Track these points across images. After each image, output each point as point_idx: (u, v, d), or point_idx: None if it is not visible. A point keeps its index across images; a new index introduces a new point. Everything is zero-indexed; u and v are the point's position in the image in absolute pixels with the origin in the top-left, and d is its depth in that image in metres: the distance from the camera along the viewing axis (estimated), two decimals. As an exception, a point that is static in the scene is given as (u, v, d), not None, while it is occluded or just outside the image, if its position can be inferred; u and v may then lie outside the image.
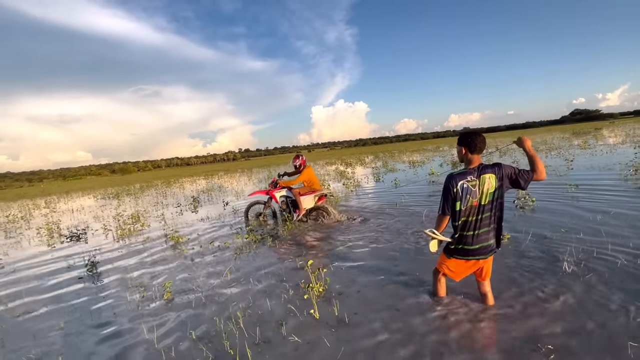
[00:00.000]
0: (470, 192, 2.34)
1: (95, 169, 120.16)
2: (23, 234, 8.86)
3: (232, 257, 4.72)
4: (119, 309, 3.45)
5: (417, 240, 4.53)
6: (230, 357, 2.38)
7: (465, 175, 2.35)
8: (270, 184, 6.88)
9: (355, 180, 12.02)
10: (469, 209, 2.37)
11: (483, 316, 2.55)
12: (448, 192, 2.38)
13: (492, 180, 2.33)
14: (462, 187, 2.33)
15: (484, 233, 2.42)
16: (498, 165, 2.37)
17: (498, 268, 3.34)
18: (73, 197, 21.82)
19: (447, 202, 2.40)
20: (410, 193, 8.44)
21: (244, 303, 3.22)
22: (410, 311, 2.74)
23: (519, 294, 2.81)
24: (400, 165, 17.93)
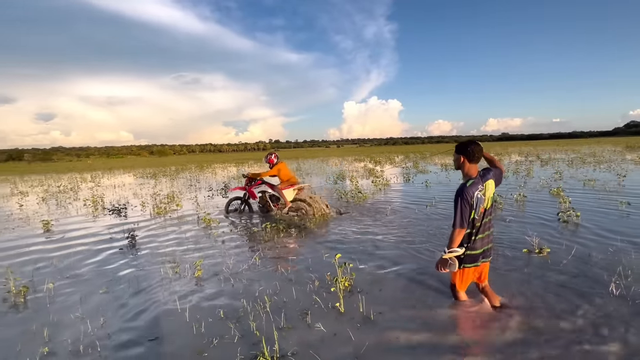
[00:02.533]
0: (482, 200, 2.42)
1: (136, 149, 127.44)
2: (72, 204, 9.62)
3: (260, 244, 4.85)
4: (154, 281, 3.67)
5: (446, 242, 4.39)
6: (256, 338, 2.46)
7: (476, 186, 2.40)
8: (246, 181, 7.11)
9: (384, 179, 11.84)
10: (480, 215, 2.44)
11: (511, 324, 2.43)
12: (467, 205, 2.37)
13: (492, 186, 2.51)
14: (477, 197, 2.39)
15: (487, 236, 2.53)
16: (489, 170, 2.56)
17: (537, 284, 3.17)
18: (115, 174, 23.33)
19: (465, 215, 2.38)
20: (441, 196, 8.19)
21: (270, 288, 3.30)
22: (435, 311, 2.68)
23: (558, 315, 2.65)
24: (431, 167, 17.42)
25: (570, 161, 17.17)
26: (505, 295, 2.89)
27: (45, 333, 2.66)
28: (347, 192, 8.86)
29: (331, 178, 13.58)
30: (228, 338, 2.50)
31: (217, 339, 2.48)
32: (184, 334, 2.60)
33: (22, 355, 2.38)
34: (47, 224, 6.42)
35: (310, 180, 13.21)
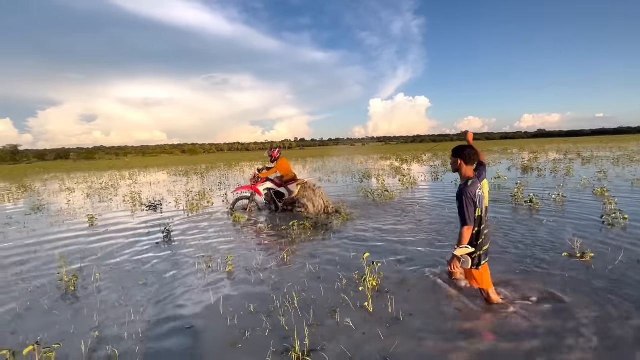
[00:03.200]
0: (482, 198, 2.58)
1: (169, 148, 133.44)
2: (112, 200, 10.28)
3: (288, 241, 4.94)
4: (189, 274, 3.85)
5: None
6: (286, 333, 2.53)
7: (476, 185, 2.55)
8: (252, 179, 7.24)
9: (411, 178, 11.62)
10: (484, 212, 2.59)
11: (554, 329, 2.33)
12: (471, 203, 2.49)
13: (487, 185, 2.74)
14: (478, 195, 2.53)
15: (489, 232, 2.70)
16: (481, 171, 2.76)
17: (581, 291, 3.01)
18: (150, 172, 24.59)
19: (471, 213, 2.49)
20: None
21: (298, 285, 3.36)
22: (465, 314, 2.61)
23: (607, 324, 2.50)
24: (461, 166, 16.83)
25: (616, 159, 15.93)
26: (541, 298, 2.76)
27: (95, 318, 2.89)
28: (373, 191, 8.78)
29: (357, 176, 13.52)
30: (259, 331, 2.58)
31: (249, 331, 2.58)
32: (217, 324, 2.73)
33: (76, 337, 2.60)
34: (92, 218, 6.92)
35: (335, 179, 13.22)
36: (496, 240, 4.48)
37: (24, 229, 6.62)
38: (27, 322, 2.93)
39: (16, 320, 2.97)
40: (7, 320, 2.96)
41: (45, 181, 19.91)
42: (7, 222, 7.48)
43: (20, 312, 3.10)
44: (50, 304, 3.25)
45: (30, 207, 9.43)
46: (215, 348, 2.42)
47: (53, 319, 2.95)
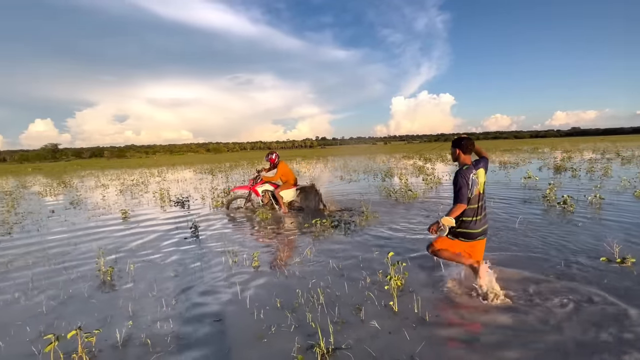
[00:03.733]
0: (476, 183, 2.89)
1: (195, 147, 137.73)
2: (143, 196, 10.76)
3: (311, 239, 4.99)
4: (216, 268, 3.98)
5: (508, 247, 4.10)
6: (311, 329, 2.56)
7: (471, 170, 2.89)
8: (252, 180, 7.32)
9: (435, 177, 11.36)
10: (475, 197, 2.89)
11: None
12: (465, 183, 2.84)
13: (483, 173, 2.97)
14: (472, 179, 2.87)
15: (483, 217, 2.98)
16: (479, 161, 3.03)
17: (624, 299, 2.84)
18: (178, 170, 25.50)
19: (464, 192, 2.83)
20: (500, 196, 7.63)
21: (323, 282, 3.39)
22: (492, 316, 2.54)
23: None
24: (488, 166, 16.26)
25: (661, 159, 14.81)
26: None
27: (129, 308, 3.05)
28: (395, 190, 8.67)
29: (379, 175, 13.38)
30: (285, 326, 2.63)
31: (274, 326, 2.63)
32: (244, 318, 2.80)
33: (113, 325, 2.76)
34: (125, 213, 7.28)
35: (357, 178, 13.16)
36: (529, 242, 4.31)
37: (65, 222, 7.07)
38: (70, 308, 3.14)
39: (60, 306, 3.18)
40: (53, 305, 3.19)
41: (82, 178, 21.14)
42: (50, 215, 8.02)
43: (64, 299, 3.32)
44: (89, 292, 3.46)
45: (70, 201, 10.05)
46: (243, 341, 2.49)
47: (92, 307, 3.14)
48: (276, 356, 2.29)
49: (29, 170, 37.68)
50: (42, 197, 11.98)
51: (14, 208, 9.15)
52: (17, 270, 4.20)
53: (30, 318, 2.97)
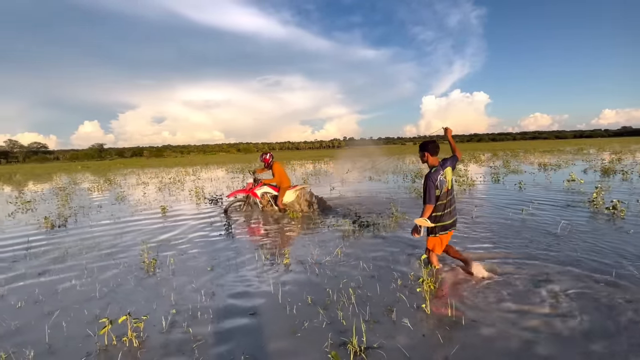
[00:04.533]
0: (444, 182, 3.27)
1: (226, 147, 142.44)
2: (179, 193, 11.34)
3: (340, 238, 5.02)
4: (249, 264, 4.13)
5: (547, 253, 3.89)
6: (343, 327, 2.60)
7: (438, 172, 3.27)
8: (250, 183, 7.39)
9: (468, 179, 10.96)
10: (444, 194, 3.28)
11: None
12: (433, 186, 3.21)
13: (450, 171, 3.35)
14: (440, 180, 3.25)
15: (453, 209, 3.39)
16: (446, 160, 3.40)
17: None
18: (211, 169, 26.54)
19: (432, 193, 3.21)
20: (539, 200, 7.23)
21: (354, 282, 3.42)
22: (530, 322, 2.43)
23: None
24: (526, 167, 15.42)
25: None
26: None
27: (172, 298, 3.26)
28: (427, 192, 8.48)
29: (408, 176, 13.13)
30: (317, 323, 2.69)
31: (307, 322, 2.70)
32: (277, 313, 2.90)
33: (158, 313, 2.96)
34: (164, 209, 7.72)
35: (386, 179, 13.00)
36: (573, 248, 4.07)
37: (112, 216, 7.63)
38: (119, 295, 3.41)
39: (111, 292, 3.47)
40: (105, 292, 3.48)
41: (124, 175, 22.61)
42: (98, 210, 8.68)
43: (113, 287, 3.61)
44: (135, 281, 3.73)
45: (115, 197, 10.81)
46: (277, 334, 2.58)
47: (138, 295, 3.39)
48: (310, 350, 2.36)
49: (78, 168, 40.88)
50: (90, 192, 12.98)
51: (68, 202, 10.00)
52: (73, 259, 4.61)
53: (86, 302, 3.26)
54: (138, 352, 2.41)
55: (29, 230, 6.55)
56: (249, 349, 2.41)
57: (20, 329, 2.81)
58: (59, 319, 2.93)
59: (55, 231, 6.38)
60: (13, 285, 3.76)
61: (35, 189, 15.79)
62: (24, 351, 2.46)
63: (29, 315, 3.03)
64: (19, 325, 2.86)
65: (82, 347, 2.51)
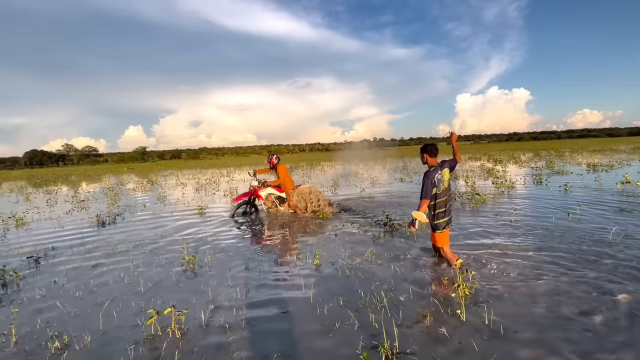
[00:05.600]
0: (441, 181, 3.54)
1: (258, 148, 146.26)
2: (215, 194, 11.84)
3: (371, 241, 4.99)
4: (282, 264, 4.24)
5: (597, 260, 3.61)
6: (375, 330, 2.60)
7: (436, 171, 3.55)
8: (254, 186, 7.38)
9: (507, 181, 10.40)
10: (443, 192, 3.56)
11: None
12: (429, 183, 3.49)
13: (447, 172, 3.62)
14: (437, 178, 3.52)
15: (448, 207, 3.63)
16: (444, 161, 3.67)
17: None
18: (244, 170, 27.41)
19: (429, 190, 3.50)
20: (588, 202, 6.70)
21: (385, 285, 3.39)
22: (576, 334, 2.27)
23: None
24: (572, 168, 14.35)
25: None
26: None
27: (210, 294, 3.44)
28: (461, 194, 8.18)
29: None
30: (348, 325, 2.71)
31: (338, 323, 2.73)
32: (309, 313, 2.95)
33: (198, 307, 3.14)
34: (201, 209, 8.11)
35: (418, 180, 12.69)
36: (627, 258, 3.75)
37: (154, 215, 8.15)
38: (162, 289, 3.65)
39: (155, 287, 3.72)
40: (149, 286, 3.74)
41: (165, 177, 24.01)
42: (142, 209, 9.31)
43: (157, 281, 3.87)
44: (177, 277, 3.97)
45: (156, 197, 11.53)
46: (310, 334, 2.63)
47: (180, 289, 3.61)
48: (342, 351, 2.38)
49: (124, 169, 44.00)
50: (135, 192, 13.94)
51: (116, 202, 10.82)
52: (121, 254, 4.99)
53: (133, 294, 3.53)
54: (180, 343, 2.57)
55: (83, 226, 7.18)
56: (282, 346, 2.49)
57: (78, 316, 3.10)
58: (110, 308, 3.20)
59: (105, 228, 6.93)
60: (72, 276, 4.16)
61: (88, 189, 17.24)
62: (83, 336, 2.72)
63: (86, 304, 3.34)
64: (77, 313, 3.16)
65: (130, 335, 2.73)
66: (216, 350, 2.47)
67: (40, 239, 6.20)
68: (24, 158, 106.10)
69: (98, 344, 2.64)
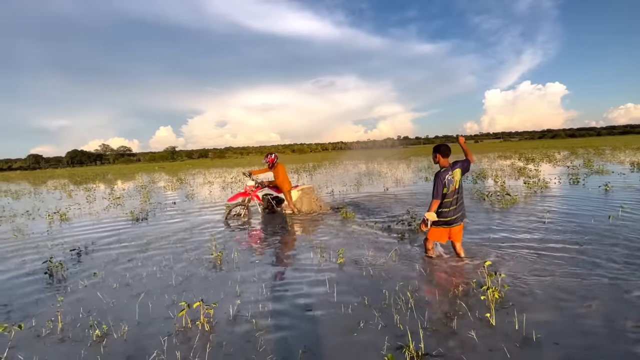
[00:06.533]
0: (452, 182, 3.61)
1: (281, 147, 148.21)
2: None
3: (395, 240, 4.93)
4: (306, 261, 4.29)
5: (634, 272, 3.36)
6: (399, 331, 2.57)
7: (447, 172, 3.62)
8: (250, 186, 7.21)
9: (540, 180, 9.90)
10: (452, 192, 3.63)
11: None
12: (440, 184, 3.58)
13: (459, 173, 3.69)
14: (447, 179, 3.60)
15: (459, 207, 3.71)
16: (457, 162, 3.73)
17: None
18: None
19: (439, 190, 3.58)
20: (633, 204, 6.24)
21: (410, 285, 3.35)
22: (615, 345, 2.13)
23: None
24: (614, 167, 13.41)
25: None
26: None
27: (237, 289, 3.54)
28: (490, 193, 7.88)
29: (469, 177, 12.31)
30: (372, 324, 2.70)
31: (363, 322, 2.73)
32: (333, 311, 2.97)
33: (225, 302, 3.24)
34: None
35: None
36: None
37: (183, 212, 8.49)
38: (192, 283, 3.80)
39: (185, 281, 3.88)
40: (180, 280, 3.91)
41: (193, 175, 24.91)
42: (172, 206, 9.72)
43: (187, 276, 4.03)
44: (205, 272, 4.12)
45: (185, 195, 11.99)
46: (334, 332, 2.65)
47: (208, 284, 3.75)
48: (366, 351, 2.38)
49: (155, 168, 46.07)
50: (165, 190, 14.57)
51: (148, 199, 11.36)
52: (153, 250, 5.24)
53: (165, 288, 3.70)
54: (210, 336, 2.67)
55: (119, 222, 7.61)
56: (307, 343, 2.52)
57: (116, 307, 3.30)
58: (145, 300, 3.38)
59: (138, 224, 7.31)
60: (109, 269, 4.43)
61: (123, 186, 18.23)
62: (120, 325, 2.89)
63: (122, 296, 3.55)
64: (115, 303, 3.37)
65: (164, 326, 2.87)
66: (244, 344, 2.55)
67: (81, 233, 6.64)
68: (66, 157, 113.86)
69: (134, 333, 2.80)
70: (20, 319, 3.08)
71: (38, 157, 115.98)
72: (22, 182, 30.07)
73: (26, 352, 2.57)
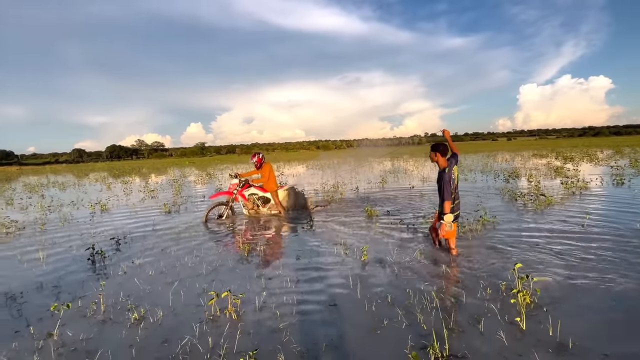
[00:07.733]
0: (454, 180, 3.79)
1: (306, 144, 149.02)
2: (266, 188, 12.39)
3: (421, 240, 4.86)
4: (330, 258, 4.33)
5: None
6: (424, 331, 2.55)
7: (451, 170, 3.77)
8: (235, 185, 6.99)
9: (579, 180, 9.30)
10: (454, 189, 3.82)
11: None
12: (449, 184, 3.72)
13: (456, 169, 3.90)
14: (452, 178, 3.76)
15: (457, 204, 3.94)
16: (450, 158, 3.89)
17: None
18: (293, 165, 28.21)
19: (449, 190, 3.73)
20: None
21: (435, 285, 3.30)
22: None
23: None
24: (667, 168, 12.30)
25: None
26: None
27: (262, 281, 3.66)
28: (523, 194, 7.53)
29: (501, 176, 11.79)
30: (396, 323, 2.70)
31: (386, 320, 2.73)
32: (357, 308, 3.00)
33: (251, 293, 3.36)
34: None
35: (474, 178, 11.94)
36: None
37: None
38: (220, 274, 3.97)
39: (214, 271, 4.06)
40: (209, 270, 4.09)
41: (221, 170, 25.69)
42: (202, 199, 10.11)
43: (216, 266, 4.21)
44: (233, 264, 4.28)
45: (214, 189, 12.41)
46: (357, 328, 2.68)
47: (236, 275, 3.90)
48: (389, 349, 2.39)
49: (186, 163, 47.98)
50: (195, 184, 15.16)
51: (179, 192, 11.89)
52: (185, 241, 5.50)
53: (196, 277, 3.89)
54: (238, 325, 2.79)
55: (153, 213, 8.04)
56: (330, 337, 2.57)
57: (151, 293, 3.52)
58: (178, 288, 3.58)
59: (171, 215, 7.69)
60: (146, 257, 4.71)
61: (157, 180, 19.17)
62: (156, 310, 3.09)
63: (157, 283, 3.77)
64: (151, 290, 3.59)
65: (195, 314, 3.03)
66: (269, 335, 2.64)
67: (119, 223, 7.09)
68: (106, 152, 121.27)
69: (168, 319, 2.97)
70: (69, 300, 3.36)
71: (81, 151, 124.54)
72: (68, 174, 32.42)
73: (74, 330, 2.81)
